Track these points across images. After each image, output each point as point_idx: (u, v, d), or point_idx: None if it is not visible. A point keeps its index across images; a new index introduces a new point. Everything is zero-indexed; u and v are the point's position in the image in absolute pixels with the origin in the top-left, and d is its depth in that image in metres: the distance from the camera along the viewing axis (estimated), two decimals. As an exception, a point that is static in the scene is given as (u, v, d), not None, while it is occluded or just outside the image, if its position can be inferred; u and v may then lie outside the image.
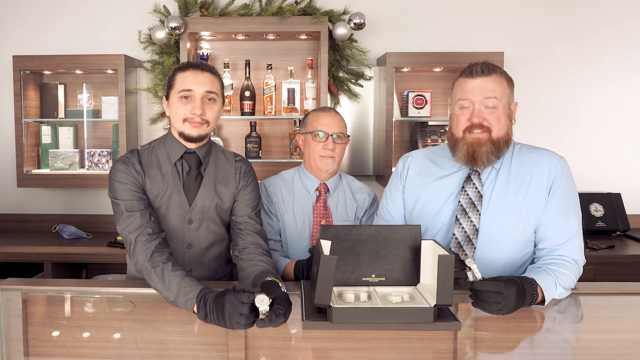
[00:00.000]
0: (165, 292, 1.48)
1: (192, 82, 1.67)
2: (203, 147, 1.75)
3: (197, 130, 1.68)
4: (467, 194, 1.71)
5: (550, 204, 1.67)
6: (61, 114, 3.09)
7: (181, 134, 1.70)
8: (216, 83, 1.71)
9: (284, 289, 1.42)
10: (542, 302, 1.51)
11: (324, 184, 2.08)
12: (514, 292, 1.39)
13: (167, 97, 1.73)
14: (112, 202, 1.68)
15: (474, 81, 1.66)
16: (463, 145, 1.67)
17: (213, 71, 1.72)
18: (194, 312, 1.40)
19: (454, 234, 1.70)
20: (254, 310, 1.30)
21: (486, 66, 1.67)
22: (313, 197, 2.08)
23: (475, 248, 1.68)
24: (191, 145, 1.72)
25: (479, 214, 1.68)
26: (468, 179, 1.72)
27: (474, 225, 1.69)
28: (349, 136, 2.10)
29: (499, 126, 1.65)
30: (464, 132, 1.67)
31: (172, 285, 1.47)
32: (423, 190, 1.79)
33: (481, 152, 1.65)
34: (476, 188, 1.70)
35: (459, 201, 1.71)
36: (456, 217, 1.70)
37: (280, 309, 1.29)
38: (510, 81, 1.70)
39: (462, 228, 1.69)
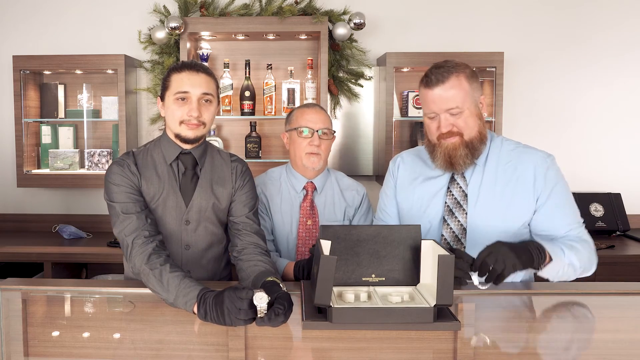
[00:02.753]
0: (164, 294, 1.48)
1: (189, 83, 1.66)
2: (199, 148, 1.74)
3: (194, 132, 1.68)
4: (453, 194, 1.72)
5: (543, 202, 1.66)
6: (61, 114, 3.09)
7: (177, 136, 1.69)
8: (212, 84, 1.70)
9: (284, 289, 1.42)
10: (550, 262, 1.53)
11: (311, 182, 2.06)
12: (503, 246, 1.43)
13: (162, 98, 1.72)
14: (108, 205, 1.68)
15: (433, 92, 1.64)
16: (440, 152, 1.69)
17: (208, 72, 1.71)
18: (194, 312, 1.40)
19: (442, 235, 1.71)
20: (254, 307, 1.30)
21: (441, 72, 1.64)
22: (300, 196, 2.05)
23: (464, 247, 1.69)
24: (187, 146, 1.72)
25: (466, 213, 1.69)
26: (452, 179, 1.74)
27: (461, 225, 1.70)
28: (334, 132, 2.08)
29: (468, 129, 1.66)
30: (438, 139, 1.68)
31: (171, 287, 1.46)
32: (413, 190, 1.81)
33: (457, 156, 1.66)
34: (460, 188, 1.72)
35: (445, 202, 1.72)
36: (443, 217, 1.71)
37: (280, 309, 1.29)
38: (472, 76, 1.67)
39: (450, 228, 1.70)
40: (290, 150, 2.08)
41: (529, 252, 1.47)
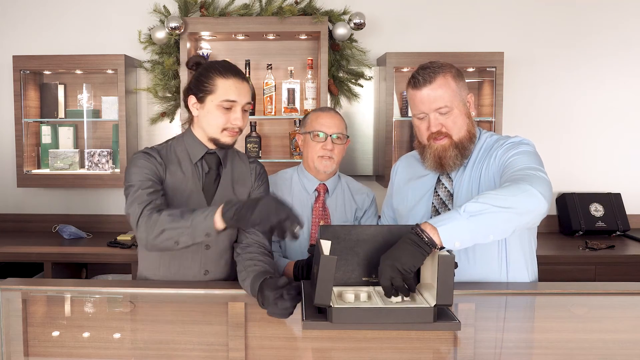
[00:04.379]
0: (177, 225, 1.43)
1: (236, 92, 1.64)
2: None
3: (233, 139, 1.68)
4: (438, 195, 1.73)
5: (504, 162, 1.61)
6: (61, 114, 3.09)
7: (214, 141, 1.67)
8: (250, 91, 1.70)
9: None
10: (436, 231, 1.35)
11: (323, 184, 2.08)
12: (383, 261, 1.34)
13: (201, 100, 1.66)
14: (126, 188, 1.61)
15: (421, 93, 1.65)
16: (430, 154, 1.69)
17: (248, 79, 1.70)
18: (215, 225, 1.38)
19: None
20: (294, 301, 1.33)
21: (428, 72, 1.64)
22: (312, 198, 2.07)
23: None
24: (213, 146, 1.70)
25: None
26: (438, 180, 1.75)
27: None
28: (348, 137, 2.10)
29: (457, 128, 1.66)
30: (428, 140, 1.69)
31: (186, 214, 1.43)
32: (407, 190, 1.83)
33: (447, 157, 1.67)
34: (446, 188, 1.72)
35: (432, 202, 1.73)
36: (431, 217, 1.71)
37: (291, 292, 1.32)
38: (458, 76, 1.67)
39: None
40: (303, 152, 2.10)
41: (405, 245, 1.34)
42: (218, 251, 1.74)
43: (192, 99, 1.68)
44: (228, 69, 1.66)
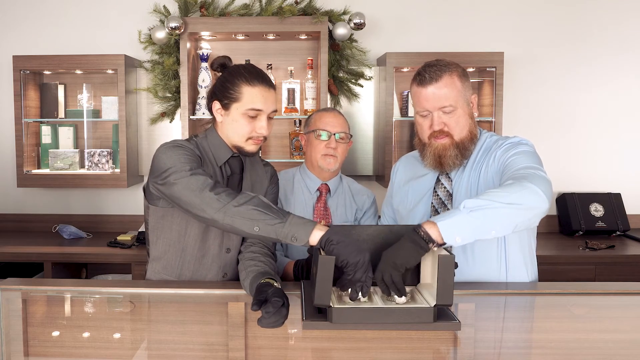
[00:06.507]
0: (266, 212, 1.36)
1: (262, 101, 1.60)
2: None
3: (257, 147, 1.66)
4: (438, 195, 1.73)
5: (503, 162, 1.61)
6: (61, 114, 3.09)
7: (238, 148, 1.65)
8: (276, 98, 1.66)
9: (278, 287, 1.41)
10: (435, 226, 1.36)
11: (325, 184, 2.08)
12: (384, 257, 1.35)
13: (225, 107, 1.62)
14: (168, 171, 1.48)
15: (427, 90, 1.64)
16: (430, 152, 1.69)
17: (274, 86, 1.66)
18: (311, 237, 1.32)
19: None
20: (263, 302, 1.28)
21: (434, 70, 1.64)
22: (314, 197, 2.08)
23: (451, 247, 1.68)
24: (236, 151, 1.68)
25: None
26: (438, 180, 1.75)
27: None
28: (351, 136, 2.11)
29: (459, 129, 1.66)
30: (429, 139, 1.68)
31: (274, 209, 1.37)
32: (407, 190, 1.83)
33: (446, 156, 1.67)
34: (445, 188, 1.73)
35: (432, 202, 1.73)
36: (430, 218, 1.71)
37: (278, 301, 1.27)
38: (463, 75, 1.67)
39: None
40: (306, 152, 2.11)
41: (403, 242, 1.36)
42: (237, 255, 1.73)
43: (216, 105, 1.64)
44: (255, 76, 1.62)
